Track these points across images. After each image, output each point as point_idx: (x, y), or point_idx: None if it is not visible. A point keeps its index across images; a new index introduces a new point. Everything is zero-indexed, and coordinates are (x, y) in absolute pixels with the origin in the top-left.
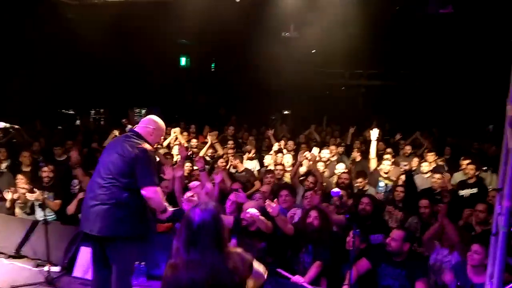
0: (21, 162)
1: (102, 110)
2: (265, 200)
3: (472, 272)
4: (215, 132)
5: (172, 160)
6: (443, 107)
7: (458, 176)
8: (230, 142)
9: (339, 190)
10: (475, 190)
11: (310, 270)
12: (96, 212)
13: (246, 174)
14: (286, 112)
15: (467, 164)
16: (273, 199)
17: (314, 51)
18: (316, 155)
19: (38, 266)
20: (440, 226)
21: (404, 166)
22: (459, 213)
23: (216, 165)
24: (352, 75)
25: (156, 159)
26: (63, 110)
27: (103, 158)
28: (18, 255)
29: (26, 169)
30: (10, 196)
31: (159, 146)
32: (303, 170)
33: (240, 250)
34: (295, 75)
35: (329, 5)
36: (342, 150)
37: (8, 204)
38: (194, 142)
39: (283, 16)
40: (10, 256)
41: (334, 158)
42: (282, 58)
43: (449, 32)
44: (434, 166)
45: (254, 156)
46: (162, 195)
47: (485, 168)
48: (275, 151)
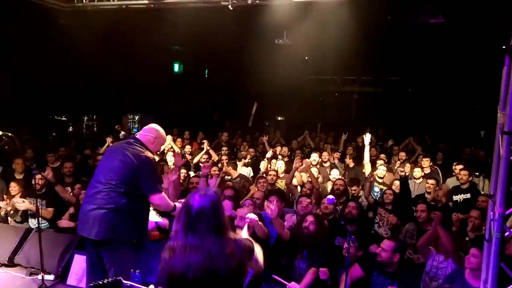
0: (13, 169)
1: (95, 116)
2: (256, 206)
3: (470, 276)
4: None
5: (167, 166)
6: (435, 113)
7: (451, 182)
8: (224, 148)
9: (333, 197)
10: (468, 195)
11: (306, 277)
12: (94, 216)
13: (241, 180)
14: (280, 118)
15: (460, 169)
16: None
17: (306, 58)
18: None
19: (32, 274)
20: (434, 233)
21: (401, 172)
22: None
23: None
24: (345, 81)
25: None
26: (56, 117)
27: (103, 164)
28: (11, 263)
29: (19, 176)
30: (2, 204)
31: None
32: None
33: (240, 237)
34: (288, 82)
35: (321, 12)
36: (338, 156)
37: (2, 213)
38: (188, 148)
39: (276, 23)
40: (3, 265)
41: (327, 164)
42: (275, 64)
43: (440, 41)
44: (429, 171)
45: (249, 162)
46: (167, 199)
47: (477, 173)
48: (269, 158)
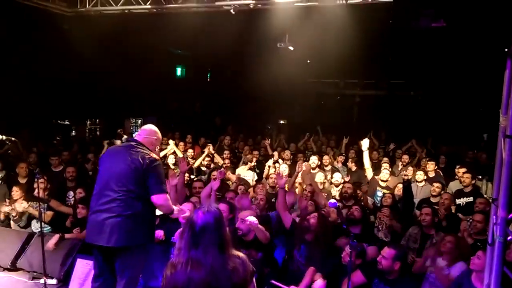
0: (17, 173)
1: (97, 120)
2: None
3: (476, 279)
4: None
5: (171, 170)
6: (437, 116)
7: (454, 185)
8: (226, 152)
9: (335, 201)
10: (471, 199)
11: (304, 278)
12: (112, 224)
13: (241, 183)
14: (282, 121)
15: (463, 173)
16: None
17: (308, 62)
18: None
19: (34, 278)
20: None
21: (404, 176)
22: (457, 222)
23: (213, 175)
24: (347, 84)
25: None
26: (59, 121)
27: (110, 171)
28: (14, 267)
29: (22, 180)
30: (6, 209)
31: None
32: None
33: (242, 255)
34: (290, 85)
35: (323, 16)
36: (342, 159)
37: (2, 217)
38: (191, 152)
39: (277, 27)
40: (5, 269)
41: (329, 168)
42: (277, 68)
43: (442, 44)
44: (433, 175)
45: (254, 166)
46: (170, 201)
47: (480, 177)
48: (274, 162)
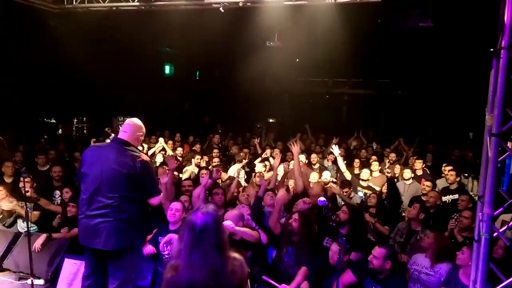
0: (2, 172)
1: (84, 118)
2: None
3: (463, 275)
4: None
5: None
6: (424, 114)
7: (440, 183)
8: (216, 150)
9: (325, 199)
10: (456, 196)
11: (296, 277)
12: (107, 228)
13: (230, 182)
14: (271, 120)
15: (449, 170)
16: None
17: (298, 60)
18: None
19: (21, 279)
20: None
21: (388, 173)
22: (445, 219)
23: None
24: (336, 83)
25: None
26: (45, 119)
27: (98, 174)
28: (0, 268)
29: (8, 180)
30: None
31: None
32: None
33: (239, 256)
34: (279, 84)
35: (312, 15)
36: (333, 158)
37: None
38: (180, 150)
39: (267, 25)
40: None
41: (316, 166)
42: (266, 66)
43: (429, 44)
44: (421, 173)
45: (244, 164)
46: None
47: (466, 174)
48: (262, 159)
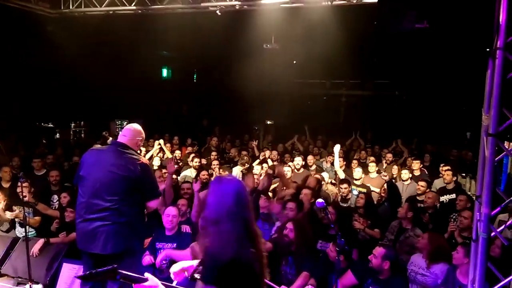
0: (0, 178)
1: (82, 123)
2: None
3: (460, 274)
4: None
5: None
6: (422, 115)
7: (438, 183)
8: (214, 153)
9: (323, 201)
10: (454, 196)
11: (297, 280)
12: (106, 232)
13: None
14: (269, 122)
15: (445, 170)
16: None
17: (295, 62)
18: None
19: (19, 284)
20: None
21: (384, 176)
22: (443, 219)
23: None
24: (333, 85)
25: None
26: (42, 124)
27: (97, 177)
28: None
29: (6, 185)
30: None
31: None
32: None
33: None
34: (277, 86)
35: (308, 17)
36: (332, 160)
37: None
38: (178, 153)
39: (264, 28)
40: None
41: (313, 168)
42: (264, 69)
43: (426, 45)
44: (419, 174)
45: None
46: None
47: (463, 174)
48: (260, 161)
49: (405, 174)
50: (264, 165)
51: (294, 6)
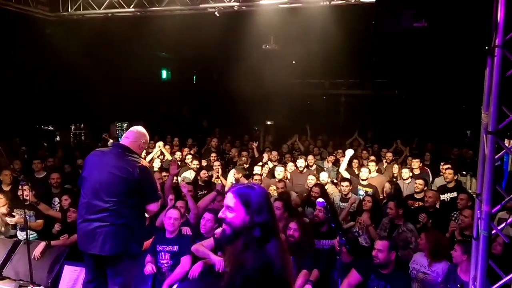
0: (1, 181)
1: (82, 125)
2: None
3: (461, 272)
4: None
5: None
6: (421, 114)
7: (439, 181)
8: (213, 154)
9: (323, 201)
10: (455, 194)
11: (298, 279)
12: (104, 233)
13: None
14: (269, 122)
15: (446, 169)
16: None
17: (294, 62)
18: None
19: (21, 287)
20: None
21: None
22: (445, 218)
23: (199, 176)
24: (332, 84)
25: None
26: (42, 126)
27: (97, 178)
28: (0, 276)
29: (6, 188)
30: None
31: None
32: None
33: None
34: (276, 86)
35: (307, 17)
36: (333, 159)
37: None
38: (178, 155)
39: (262, 28)
40: None
41: (313, 168)
42: (263, 69)
43: (425, 43)
44: (418, 172)
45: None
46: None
47: (464, 172)
48: (262, 163)
49: (405, 173)
50: (265, 166)
51: (292, 6)
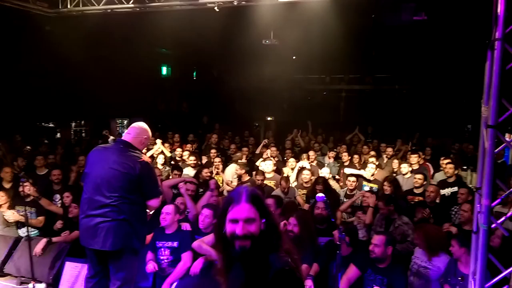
0: (2, 178)
1: (83, 122)
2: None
3: (460, 264)
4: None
5: (159, 170)
6: (422, 108)
7: (439, 176)
8: (213, 150)
9: (323, 195)
10: (456, 189)
11: None
12: (106, 228)
13: (251, 184)
14: (269, 118)
15: (446, 163)
16: None
17: (294, 58)
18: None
19: (22, 283)
20: None
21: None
22: (445, 212)
23: (200, 174)
24: (333, 80)
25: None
26: (43, 123)
27: (99, 174)
28: (1, 273)
29: (7, 185)
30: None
31: None
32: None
33: None
34: (276, 82)
35: (307, 12)
36: (334, 155)
37: None
38: (179, 151)
39: (262, 24)
40: None
41: (315, 163)
42: (263, 65)
43: (425, 37)
44: (417, 167)
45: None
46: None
47: (465, 167)
48: (263, 159)
49: (404, 168)
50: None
51: (292, 1)
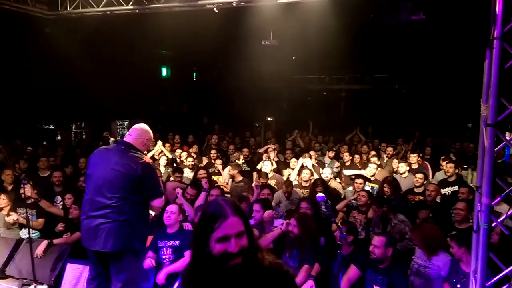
0: (3, 180)
1: (83, 124)
2: None
3: (462, 263)
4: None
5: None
6: (422, 108)
7: (439, 175)
8: (213, 151)
9: (323, 195)
10: (456, 188)
11: (299, 274)
12: (107, 230)
13: (245, 184)
14: (269, 118)
15: (446, 163)
16: None
17: (294, 58)
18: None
19: (24, 285)
20: None
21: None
22: (446, 212)
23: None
24: (332, 80)
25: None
26: (43, 126)
27: (100, 175)
28: (3, 275)
29: (8, 187)
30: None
31: None
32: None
33: None
34: (276, 82)
35: (306, 12)
36: (332, 155)
37: None
38: (179, 152)
39: (262, 24)
40: None
41: (315, 163)
42: (263, 65)
43: (423, 37)
44: (417, 167)
45: (243, 164)
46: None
47: (465, 166)
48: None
49: (402, 167)
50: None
51: (291, 1)
